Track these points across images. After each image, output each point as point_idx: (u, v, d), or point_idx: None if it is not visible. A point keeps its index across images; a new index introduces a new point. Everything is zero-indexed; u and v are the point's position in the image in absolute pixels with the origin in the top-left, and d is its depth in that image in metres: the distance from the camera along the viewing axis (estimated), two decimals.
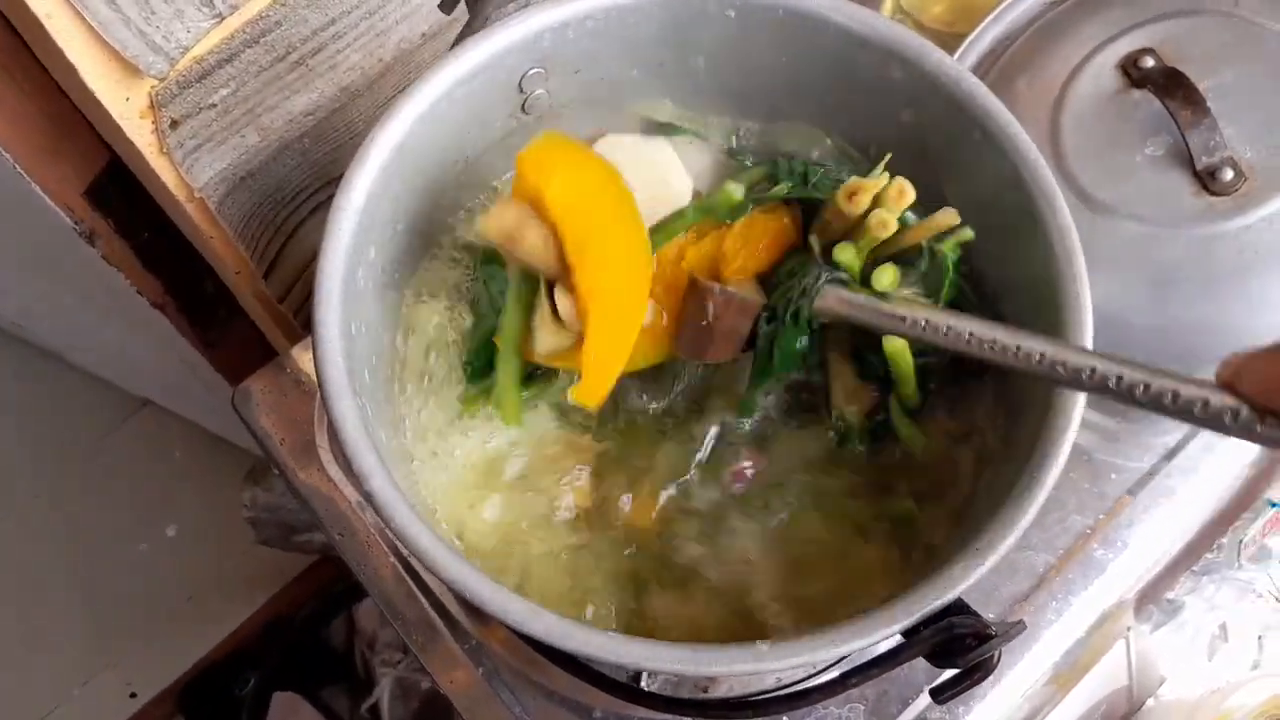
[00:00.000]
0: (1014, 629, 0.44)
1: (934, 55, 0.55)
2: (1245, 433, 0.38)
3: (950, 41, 0.80)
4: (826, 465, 0.58)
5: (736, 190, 0.57)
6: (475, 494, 0.57)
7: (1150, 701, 0.80)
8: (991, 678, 0.48)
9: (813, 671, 0.60)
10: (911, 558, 0.55)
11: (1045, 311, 0.52)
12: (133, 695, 1.34)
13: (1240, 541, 0.78)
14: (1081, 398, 0.49)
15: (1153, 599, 0.79)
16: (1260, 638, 0.85)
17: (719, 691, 0.62)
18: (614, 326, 0.50)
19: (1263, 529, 0.79)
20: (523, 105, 0.60)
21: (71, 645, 1.37)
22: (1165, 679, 0.81)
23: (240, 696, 1.29)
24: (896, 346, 0.55)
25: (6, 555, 1.41)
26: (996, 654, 0.45)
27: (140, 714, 1.33)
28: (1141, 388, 0.42)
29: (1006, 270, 0.57)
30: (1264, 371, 0.37)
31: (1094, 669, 0.74)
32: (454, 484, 0.57)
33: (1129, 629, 0.75)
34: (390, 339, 0.59)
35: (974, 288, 0.59)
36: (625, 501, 0.58)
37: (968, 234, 0.55)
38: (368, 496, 0.45)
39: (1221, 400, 0.38)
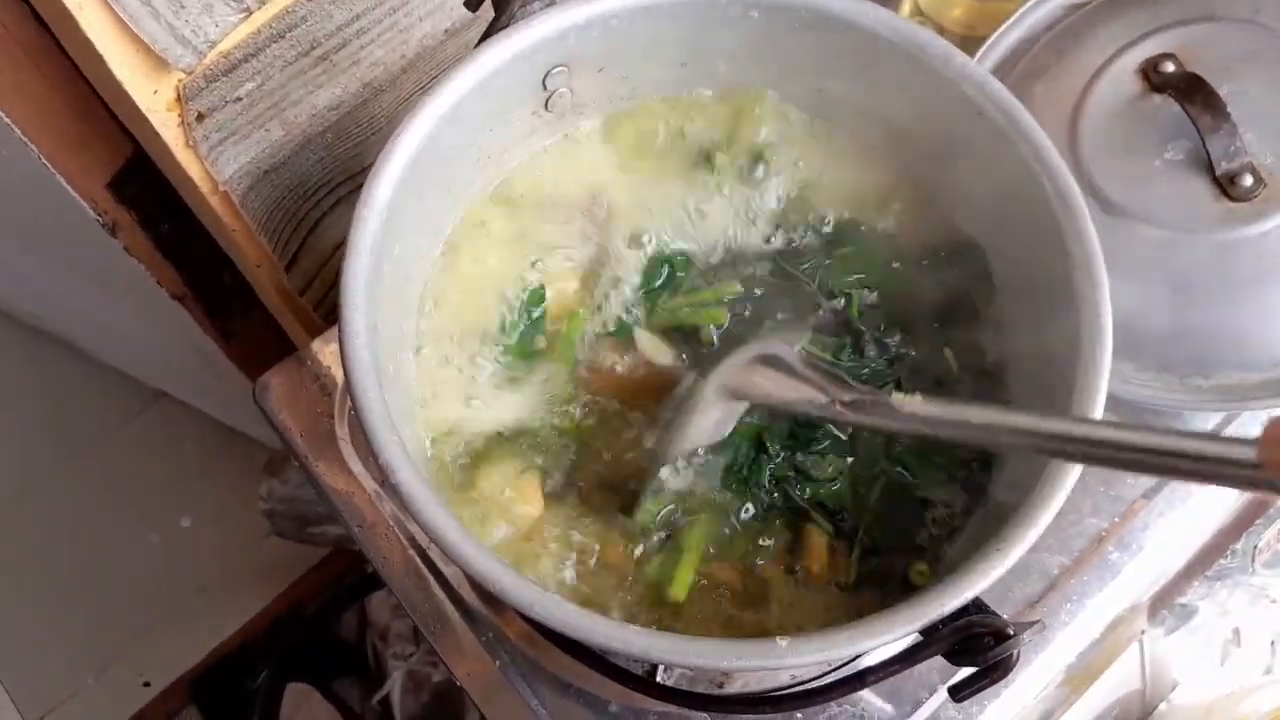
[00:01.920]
0: (1032, 628, 0.45)
1: (958, 59, 0.56)
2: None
3: (969, 45, 0.80)
4: None
5: None
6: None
7: (1163, 706, 0.80)
8: (1005, 679, 0.49)
9: (829, 669, 0.60)
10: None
11: (1063, 315, 0.52)
12: (146, 685, 1.35)
13: (1255, 547, 0.78)
14: (1101, 401, 0.49)
15: (1166, 603, 0.79)
16: (1273, 643, 0.85)
17: (734, 687, 0.62)
18: None
19: (1277, 534, 0.79)
20: (545, 103, 0.61)
21: (85, 635, 1.38)
22: (1178, 683, 0.81)
23: (253, 688, 1.30)
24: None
25: (21, 545, 1.42)
26: (1015, 653, 0.45)
27: (153, 704, 1.34)
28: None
29: (1025, 271, 0.57)
30: None
31: (1107, 672, 0.74)
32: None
33: (1143, 632, 0.75)
34: (415, 333, 0.59)
35: (990, 292, 0.60)
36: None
37: None
38: (394, 489, 0.46)
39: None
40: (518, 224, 0.63)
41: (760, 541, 0.56)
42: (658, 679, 0.59)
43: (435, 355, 0.59)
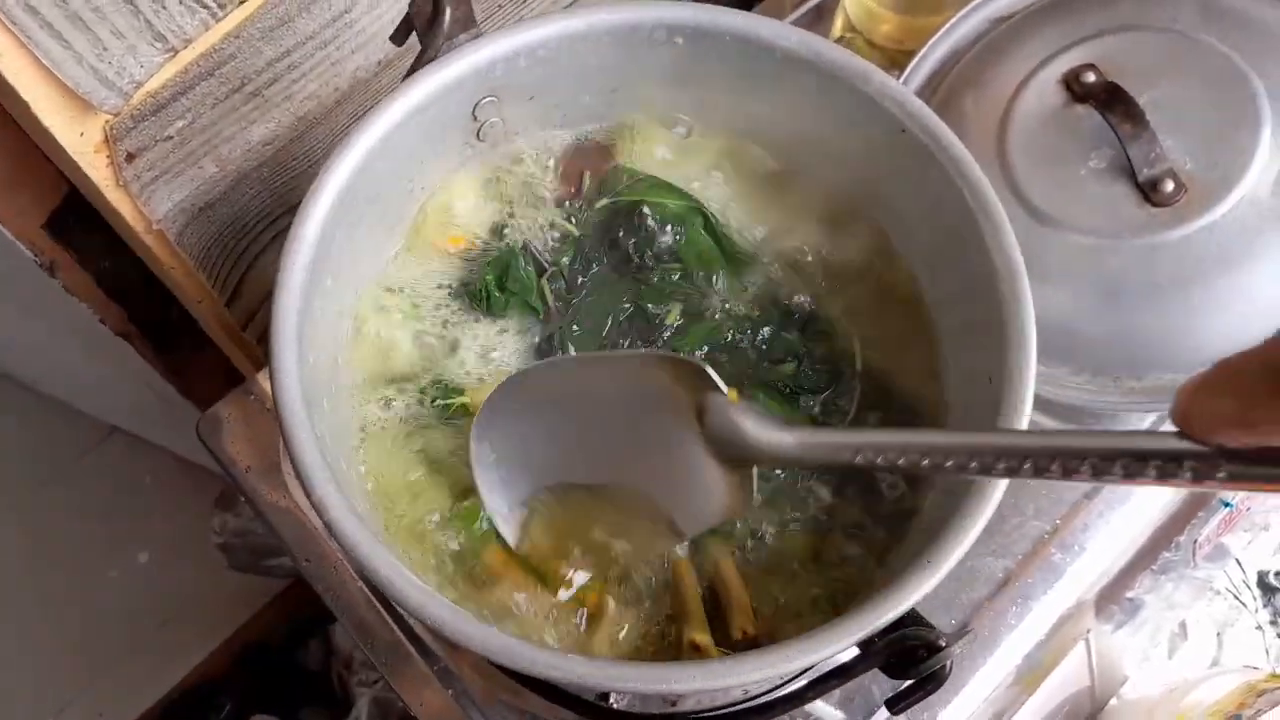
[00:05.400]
0: (963, 638, 0.45)
1: (878, 78, 0.56)
2: (1200, 479, 0.32)
3: (900, 59, 0.82)
4: None
5: None
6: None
7: (1113, 700, 0.82)
8: (954, 683, 0.50)
9: (780, 682, 0.60)
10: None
11: (992, 331, 0.53)
12: None
13: (1195, 541, 0.80)
14: (1027, 409, 0.50)
15: (1114, 599, 0.80)
16: (1219, 634, 0.87)
17: (687, 705, 0.63)
18: None
19: (1217, 528, 0.80)
20: (477, 133, 0.61)
21: (43, 674, 1.36)
22: (1127, 678, 0.82)
23: None
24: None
25: None
26: (948, 664, 0.46)
27: None
28: (1086, 461, 0.35)
29: (954, 293, 0.58)
30: (1205, 405, 0.31)
31: (1056, 670, 0.75)
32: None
33: (1088, 630, 0.77)
34: (349, 367, 0.59)
35: (919, 308, 0.61)
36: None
37: None
38: (327, 526, 0.46)
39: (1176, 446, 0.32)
40: None
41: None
42: (610, 703, 0.59)
43: (371, 392, 0.59)
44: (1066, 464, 0.36)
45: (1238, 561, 0.86)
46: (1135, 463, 0.33)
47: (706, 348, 0.61)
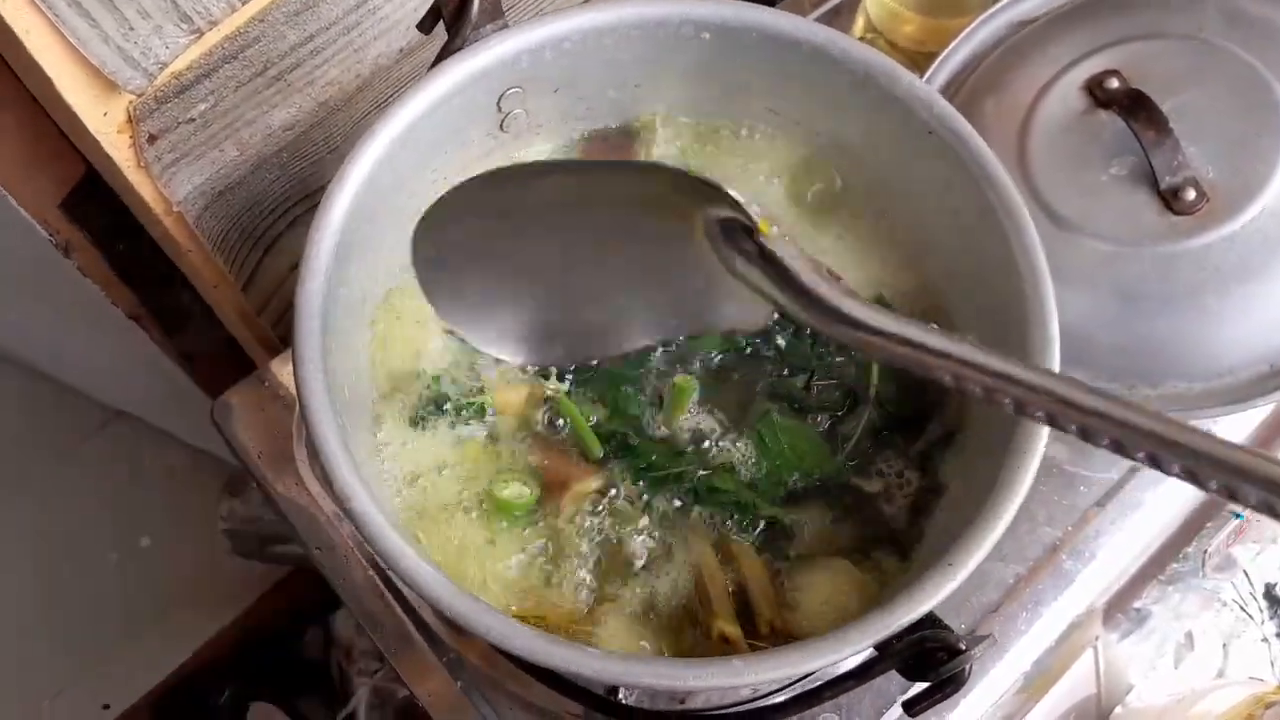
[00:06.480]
0: (984, 642, 0.45)
1: (905, 78, 0.56)
2: None
3: (921, 61, 0.82)
4: None
5: None
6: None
7: (1118, 709, 0.82)
8: (958, 692, 0.49)
9: (789, 682, 0.60)
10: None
11: (1013, 333, 0.53)
12: (105, 707, 1.32)
13: (1205, 551, 0.80)
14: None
15: (1121, 608, 0.80)
16: (1225, 645, 0.87)
17: (696, 703, 0.62)
18: None
19: (1227, 539, 0.80)
20: (501, 124, 0.61)
21: (42, 657, 1.35)
22: (1133, 687, 0.82)
23: (216, 708, 1.29)
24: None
25: None
26: (968, 667, 0.46)
27: None
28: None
29: (975, 294, 0.58)
30: None
31: (1063, 678, 0.75)
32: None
33: (1097, 638, 0.77)
34: (369, 354, 0.59)
35: (943, 316, 0.61)
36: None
37: None
38: (349, 515, 0.46)
39: None
40: None
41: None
42: (619, 698, 0.59)
43: (392, 380, 0.59)
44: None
45: (1245, 573, 0.86)
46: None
47: (720, 353, 0.61)
